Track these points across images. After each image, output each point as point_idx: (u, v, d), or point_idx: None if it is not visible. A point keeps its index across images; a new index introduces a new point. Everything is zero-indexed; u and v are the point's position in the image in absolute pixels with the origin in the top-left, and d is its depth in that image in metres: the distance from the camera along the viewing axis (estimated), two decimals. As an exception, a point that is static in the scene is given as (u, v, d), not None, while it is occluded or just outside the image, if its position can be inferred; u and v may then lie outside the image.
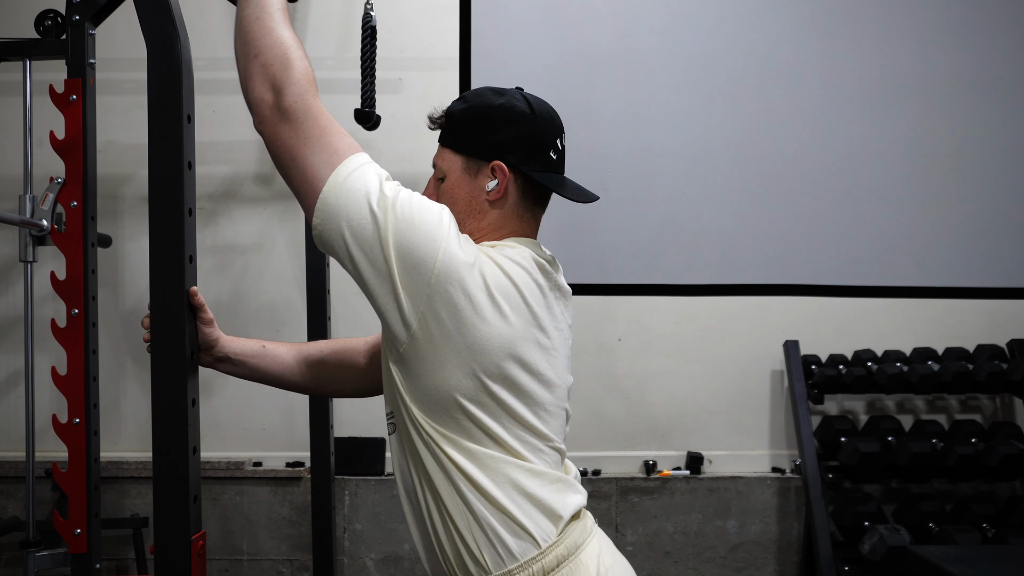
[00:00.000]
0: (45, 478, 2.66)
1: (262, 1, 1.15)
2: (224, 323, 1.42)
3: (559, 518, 1.14)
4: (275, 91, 1.10)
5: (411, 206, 1.08)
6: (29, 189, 2.11)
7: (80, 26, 1.90)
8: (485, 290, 1.08)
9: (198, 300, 1.26)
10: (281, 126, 1.09)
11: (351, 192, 1.07)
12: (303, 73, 1.11)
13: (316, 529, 2.45)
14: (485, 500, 1.10)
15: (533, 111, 1.21)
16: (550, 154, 1.22)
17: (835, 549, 2.74)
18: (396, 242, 1.05)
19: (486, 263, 1.11)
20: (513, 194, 1.21)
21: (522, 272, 1.13)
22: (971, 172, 2.77)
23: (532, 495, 1.12)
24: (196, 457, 1.23)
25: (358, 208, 1.06)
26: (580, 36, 2.74)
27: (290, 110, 1.09)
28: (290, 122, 1.09)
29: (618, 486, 2.97)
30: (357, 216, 1.06)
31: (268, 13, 1.14)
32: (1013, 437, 2.83)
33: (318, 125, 1.09)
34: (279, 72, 1.10)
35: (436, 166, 1.24)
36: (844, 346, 3.04)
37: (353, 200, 1.06)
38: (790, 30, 2.73)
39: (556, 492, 1.15)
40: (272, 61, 1.11)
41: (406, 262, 1.06)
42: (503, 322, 1.10)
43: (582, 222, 2.82)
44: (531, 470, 1.13)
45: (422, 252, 1.05)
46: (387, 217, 1.06)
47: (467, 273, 1.07)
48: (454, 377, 1.09)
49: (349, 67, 2.80)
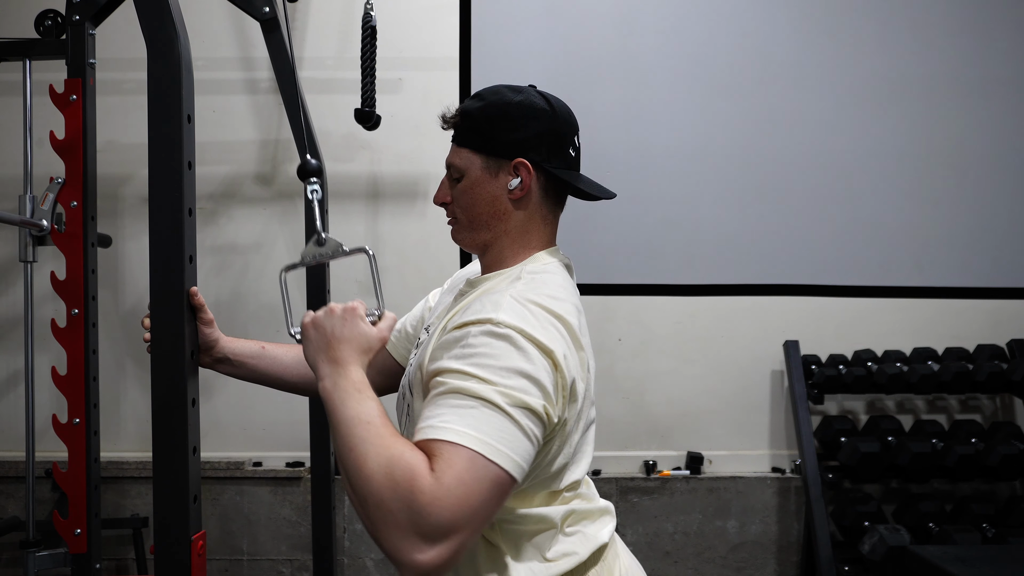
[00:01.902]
0: (45, 478, 2.66)
1: (348, 426, 0.95)
2: (224, 323, 1.42)
3: (603, 545, 1.16)
4: (411, 530, 0.87)
5: (527, 388, 0.98)
6: (29, 189, 2.11)
7: (80, 26, 1.90)
8: (577, 357, 1.06)
9: (198, 300, 1.26)
10: (444, 545, 0.87)
11: (521, 459, 0.95)
12: (411, 486, 0.87)
13: (316, 529, 2.45)
14: (544, 534, 1.11)
15: (552, 108, 1.19)
16: (569, 151, 1.21)
17: (835, 549, 2.74)
18: (558, 414, 1.02)
19: (559, 327, 1.06)
20: (536, 193, 1.19)
21: (573, 310, 1.11)
22: (971, 172, 2.77)
23: (585, 535, 1.14)
24: (196, 457, 1.23)
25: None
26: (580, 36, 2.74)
27: (437, 531, 0.87)
28: (449, 533, 0.87)
29: (618, 486, 2.97)
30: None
31: (361, 441, 0.93)
32: (1013, 437, 2.83)
33: (457, 492, 0.88)
34: (398, 511, 0.87)
35: (452, 166, 1.21)
36: (844, 346, 3.04)
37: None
38: (790, 31, 2.73)
39: (602, 525, 1.18)
40: (382, 502, 0.88)
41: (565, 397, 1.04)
42: (588, 374, 1.10)
43: (583, 222, 2.82)
44: (588, 511, 1.15)
45: (562, 388, 1.02)
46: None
47: (573, 358, 1.05)
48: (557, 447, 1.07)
49: (349, 67, 2.80)
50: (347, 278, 2.89)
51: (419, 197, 2.90)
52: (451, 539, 0.87)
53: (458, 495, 0.87)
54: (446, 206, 1.23)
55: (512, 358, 0.97)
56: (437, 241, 2.91)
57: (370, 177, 2.94)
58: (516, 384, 0.96)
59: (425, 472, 0.88)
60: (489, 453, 0.91)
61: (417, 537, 0.86)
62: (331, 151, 2.86)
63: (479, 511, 0.89)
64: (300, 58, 2.93)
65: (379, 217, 2.94)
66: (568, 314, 1.07)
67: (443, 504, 0.87)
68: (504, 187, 1.17)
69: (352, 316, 1.07)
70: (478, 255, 1.26)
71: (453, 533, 0.87)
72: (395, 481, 0.88)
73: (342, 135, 2.89)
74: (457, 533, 0.87)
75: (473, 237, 1.21)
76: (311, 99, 2.53)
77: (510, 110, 1.17)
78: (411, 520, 0.87)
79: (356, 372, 1.03)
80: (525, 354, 0.98)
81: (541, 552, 1.10)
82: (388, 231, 2.95)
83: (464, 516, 0.88)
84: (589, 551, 1.13)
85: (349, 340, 1.05)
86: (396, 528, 0.87)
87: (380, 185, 2.94)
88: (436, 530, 0.86)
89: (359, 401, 0.98)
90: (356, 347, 1.05)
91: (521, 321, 1.01)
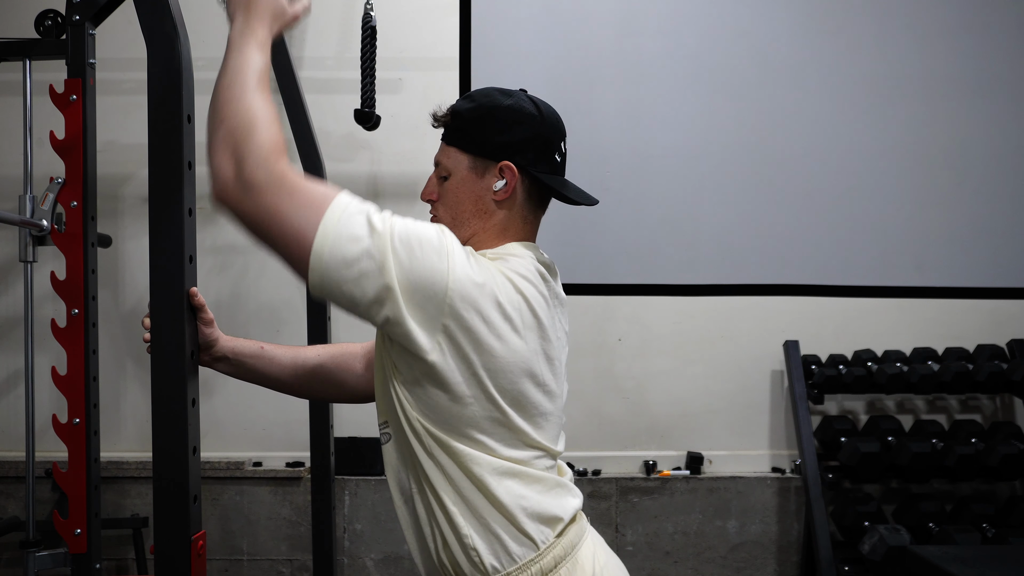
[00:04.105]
0: (45, 478, 2.66)
1: (237, 66, 1.07)
2: (224, 323, 1.42)
3: (559, 520, 1.16)
4: (236, 161, 1.02)
5: (408, 239, 1.04)
6: (29, 189, 2.11)
7: (80, 26, 1.90)
8: (499, 310, 1.08)
9: (198, 300, 1.26)
10: (245, 199, 1.02)
11: (343, 240, 1.02)
12: (268, 140, 1.03)
13: (316, 529, 2.45)
14: (490, 507, 1.11)
15: (541, 113, 1.21)
16: (555, 157, 1.23)
17: (835, 549, 2.74)
18: (400, 280, 1.03)
19: (498, 281, 1.10)
20: (519, 195, 1.21)
21: (530, 286, 1.13)
22: (971, 172, 2.77)
23: (534, 501, 1.13)
24: (196, 457, 1.23)
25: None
26: (580, 36, 2.74)
27: (251, 181, 1.01)
28: (255, 192, 1.01)
29: (618, 486, 2.97)
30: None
31: (242, 79, 1.06)
32: (1013, 437, 2.83)
33: (287, 186, 1.02)
34: (241, 141, 1.02)
35: (440, 164, 1.24)
36: (844, 346, 3.04)
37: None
38: (790, 30, 2.73)
39: (556, 497, 1.17)
40: (235, 129, 1.03)
41: (415, 297, 1.04)
42: (519, 340, 1.10)
43: (582, 222, 2.82)
44: (533, 477, 1.15)
45: (430, 284, 1.04)
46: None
47: (480, 295, 1.06)
48: (469, 397, 1.09)
49: (349, 67, 2.80)
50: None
51: (419, 197, 2.90)
52: (250, 194, 1.01)
53: (281, 186, 1.01)
54: (432, 203, 1.26)
55: (422, 234, 1.06)
56: (437, 241, 2.90)
57: (370, 177, 2.94)
58: (401, 232, 1.04)
59: (281, 145, 1.04)
60: (330, 213, 1.02)
61: (237, 169, 1.02)
62: (331, 151, 2.85)
63: (280, 206, 1.01)
64: (300, 58, 2.93)
65: (379, 217, 2.94)
66: (526, 290, 1.11)
67: (269, 168, 1.01)
68: (489, 188, 1.20)
69: None
70: None
71: (253, 192, 1.01)
72: (253, 124, 1.03)
73: (342, 135, 2.89)
74: (256, 194, 1.01)
75: (454, 233, 1.22)
76: (311, 99, 2.53)
77: (499, 113, 1.19)
78: (240, 156, 1.02)
79: (262, 28, 1.12)
80: (439, 249, 1.05)
81: (486, 491, 1.12)
82: (388, 231, 2.94)
83: (274, 188, 1.01)
84: (544, 514, 1.14)
85: (268, 2, 1.14)
86: (228, 153, 1.02)
87: (380, 185, 2.94)
88: (248, 182, 1.01)
89: (255, 50, 1.09)
90: (272, 8, 1.14)
91: (463, 253, 1.08)
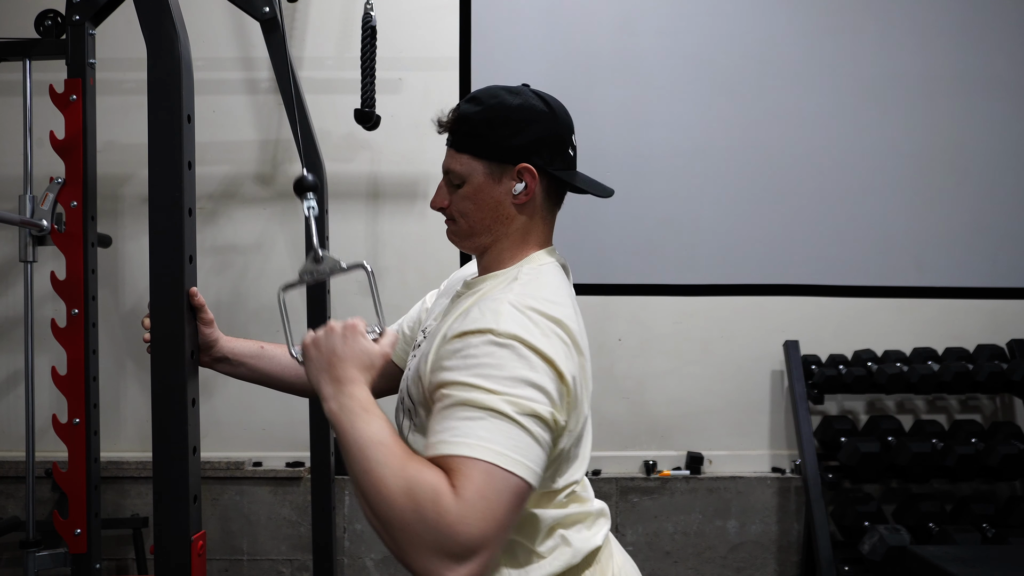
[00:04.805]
0: (45, 478, 2.66)
1: (357, 451, 0.94)
2: (224, 323, 1.42)
3: (596, 549, 1.16)
4: (444, 554, 0.87)
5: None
6: (29, 189, 2.11)
7: (80, 26, 1.90)
8: (578, 361, 1.06)
9: (198, 300, 1.26)
10: (477, 560, 0.88)
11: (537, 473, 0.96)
12: (436, 512, 0.87)
13: (316, 529, 2.45)
14: (538, 536, 1.10)
15: (551, 109, 1.18)
16: (569, 151, 1.20)
17: (835, 549, 2.74)
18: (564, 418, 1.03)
19: (560, 333, 1.05)
20: (539, 196, 1.17)
21: (570, 312, 1.10)
22: (971, 172, 2.77)
23: (576, 549, 1.13)
24: (196, 457, 1.23)
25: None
26: (580, 36, 2.74)
27: (468, 551, 0.87)
28: (481, 552, 0.88)
29: (618, 486, 2.97)
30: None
31: (366, 456, 0.93)
32: (1013, 437, 2.83)
33: (490, 504, 0.89)
34: (428, 532, 0.87)
35: (451, 171, 1.18)
36: (844, 346, 3.04)
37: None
38: (790, 31, 2.73)
39: (598, 529, 1.17)
40: (409, 525, 0.88)
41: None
42: (586, 377, 1.10)
43: (582, 222, 2.83)
44: (577, 517, 1.14)
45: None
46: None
47: (574, 363, 1.04)
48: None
49: (349, 67, 2.80)
50: (347, 278, 2.88)
51: (419, 197, 2.90)
52: (480, 554, 0.87)
53: (482, 510, 0.88)
54: (443, 210, 1.22)
55: (515, 367, 0.97)
56: (437, 241, 2.89)
57: (370, 177, 2.94)
58: (522, 392, 0.96)
59: (447, 491, 0.88)
60: (505, 463, 0.91)
61: (448, 557, 0.87)
62: (331, 151, 2.85)
63: (503, 523, 0.90)
64: (300, 58, 2.93)
65: (379, 217, 2.94)
66: (568, 319, 1.06)
67: (469, 521, 0.87)
68: (508, 192, 1.16)
69: (353, 334, 1.06)
70: (476, 256, 1.25)
71: (482, 548, 0.88)
72: (418, 503, 0.87)
73: (342, 135, 2.89)
74: (486, 548, 0.88)
75: (473, 241, 1.20)
76: (311, 99, 2.53)
77: (511, 114, 1.15)
78: (439, 541, 0.87)
79: (361, 391, 1.01)
80: (528, 363, 0.98)
81: (534, 553, 1.10)
82: (388, 231, 2.95)
83: (490, 530, 0.88)
84: (583, 554, 1.13)
85: (351, 358, 1.04)
86: (425, 550, 0.87)
87: (380, 185, 2.94)
88: (466, 548, 0.87)
89: (367, 421, 0.96)
90: (359, 365, 1.03)
91: (522, 330, 1.00)
